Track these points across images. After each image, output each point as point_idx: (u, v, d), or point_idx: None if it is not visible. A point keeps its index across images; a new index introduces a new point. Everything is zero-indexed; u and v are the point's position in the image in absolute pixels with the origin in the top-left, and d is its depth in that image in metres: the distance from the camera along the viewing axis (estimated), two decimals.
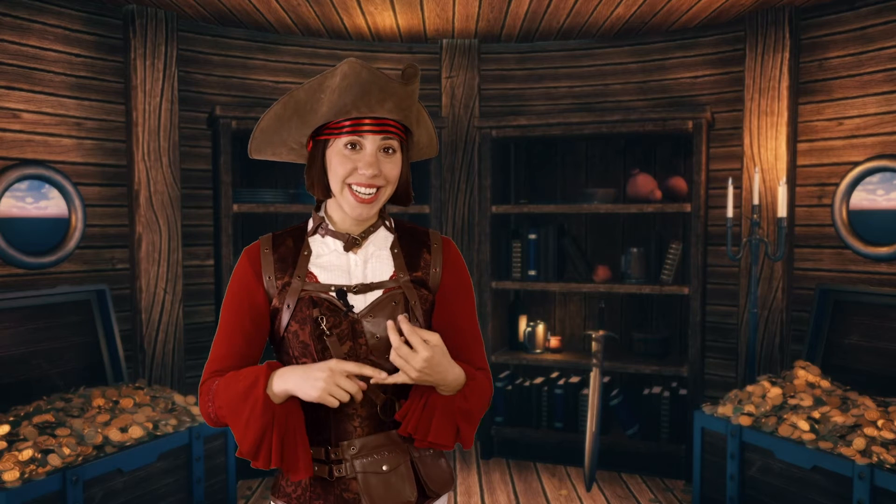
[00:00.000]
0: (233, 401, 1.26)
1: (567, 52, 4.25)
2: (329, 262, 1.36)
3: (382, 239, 1.40)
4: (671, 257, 3.82)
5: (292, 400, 1.27)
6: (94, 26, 3.56)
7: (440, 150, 1.49)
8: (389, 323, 1.24)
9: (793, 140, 3.66)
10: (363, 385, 1.25)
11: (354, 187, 1.30)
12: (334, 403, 1.23)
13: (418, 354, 1.23)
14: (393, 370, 1.30)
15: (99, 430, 2.75)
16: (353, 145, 1.29)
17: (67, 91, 3.47)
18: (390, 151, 1.31)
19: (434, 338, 1.24)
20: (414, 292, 1.35)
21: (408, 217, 3.51)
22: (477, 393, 1.35)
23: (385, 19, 3.82)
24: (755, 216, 3.47)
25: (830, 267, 3.61)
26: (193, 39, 3.89)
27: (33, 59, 3.34)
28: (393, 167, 1.31)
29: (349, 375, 1.23)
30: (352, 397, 1.26)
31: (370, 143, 1.28)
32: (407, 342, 1.24)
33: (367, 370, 1.24)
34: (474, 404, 1.34)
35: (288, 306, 1.32)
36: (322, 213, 1.40)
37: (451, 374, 1.29)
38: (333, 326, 1.30)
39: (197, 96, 3.92)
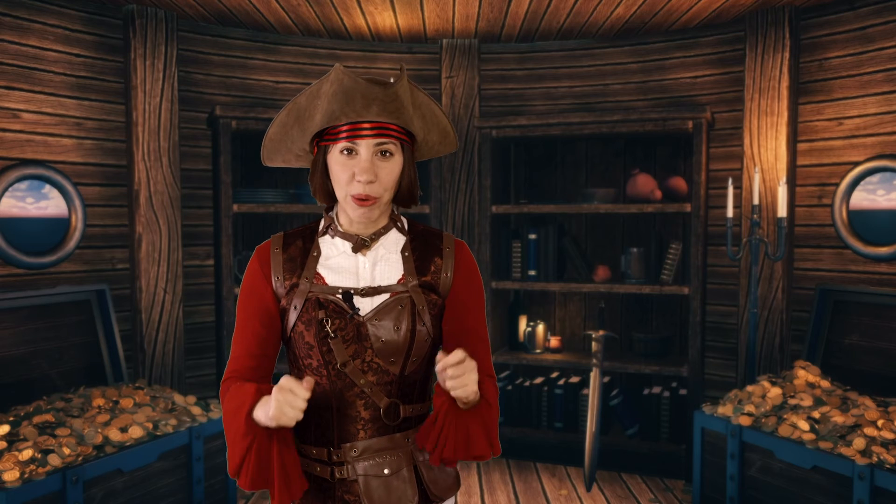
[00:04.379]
0: (225, 417, 1.29)
1: (567, 52, 4.24)
2: (337, 264, 1.36)
3: (393, 242, 1.39)
4: (671, 257, 3.82)
5: (275, 432, 1.24)
6: (94, 26, 3.56)
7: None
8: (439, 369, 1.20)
9: (793, 140, 3.66)
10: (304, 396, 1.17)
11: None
12: (289, 423, 1.17)
13: (466, 366, 1.20)
14: (398, 374, 1.32)
15: (99, 430, 2.75)
16: (349, 151, 1.29)
17: (67, 91, 3.47)
18: (387, 155, 1.30)
19: (457, 354, 1.21)
20: (422, 297, 1.34)
21: (407, 216, 3.51)
22: (495, 398, 1.36)
23: (385, 19, 3.82)
24: (755, 216, 3.47)
25: (830, 267, 3.61)
26: (193, 39, 3.89)
27: (33, 59, 3.33)
28: (390, 171, 1.30)
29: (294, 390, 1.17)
30: (357, 401, 1.29)
31: (364, 148, 1.28)
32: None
33: (305, 385, 1.17)
34: (496, 409, 1.35)
35: (295, 307, 1.32)
36: (333, 214, 1.40)
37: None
38: (339, 329, 1.30)
39: (197, 96, 3.92)
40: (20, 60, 3.29)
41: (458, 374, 1.19)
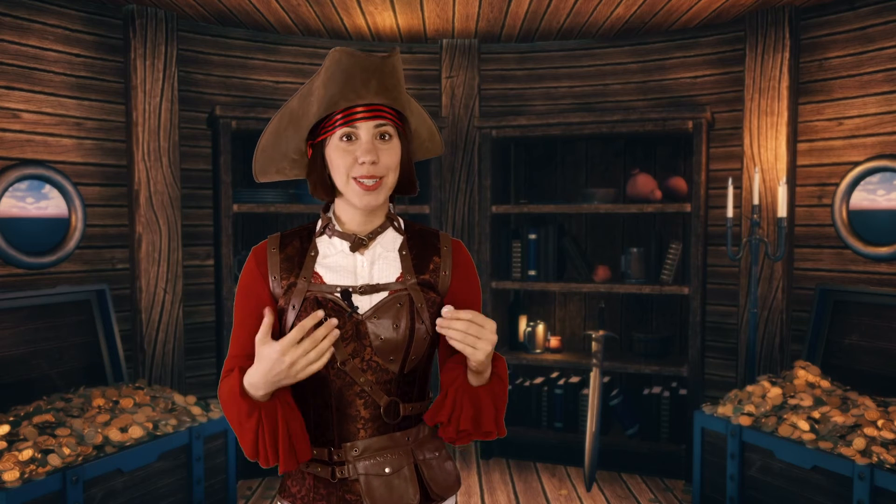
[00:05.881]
0: (225, 408, 1.29)
1: (567, 52, 4.24)
2: (335, 263, 1.36)
3: (391, 240, 1.39)
4: (671, 257, 3.82)
5: (276, 397, 1.26)
6: (94, 26, 3.56)
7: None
8: (440, 321, 1.22)
9: (793, 140, 3.66)
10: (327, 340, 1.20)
11: (358, 178, 1.30)
12: (312, 370, 1.20)
13: (485, 325, 1.21)
14: (398, 372, 1.31)
15: (99, 430, 2.75)
16: (349, 136, 1.28)
17: (67, 91, 3.47)
18: (386, 138, 1.30)
19: (466, 312, 1.22)
20: (420, 295, 1.34)
21: (408, 217, 3.51)
22: (507, 376, 1.36)
23: (385, 19, 3.82)
24: (755, 216, 3.47)
25: (830, 267, 3.61)
26: (193, 39, 3.89)
27: (33, 59, 3.33)
28: (391, 154, 1.30)
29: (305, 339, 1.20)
30: (356, 400, 1.29)
31: (364, 131, 1.28)
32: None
33: (309, 322, 1.20)
34: (506, 387, 1.36)
35: (293, 307, 1.32)
36: (330, 214, 1.40)
37: None
38: (338, 327, 1.29)
39: (197, 96, 3.92)
40: (20, 60, 3.29)
41: (473, 333, 1.20)
